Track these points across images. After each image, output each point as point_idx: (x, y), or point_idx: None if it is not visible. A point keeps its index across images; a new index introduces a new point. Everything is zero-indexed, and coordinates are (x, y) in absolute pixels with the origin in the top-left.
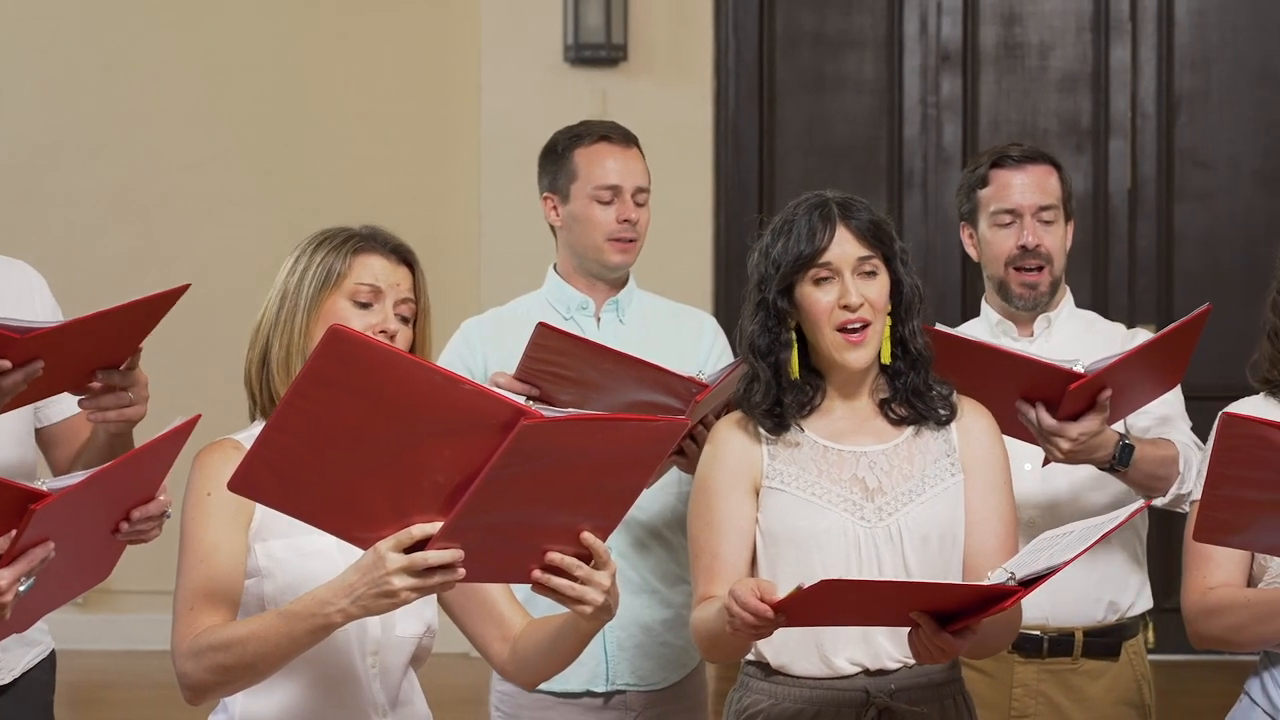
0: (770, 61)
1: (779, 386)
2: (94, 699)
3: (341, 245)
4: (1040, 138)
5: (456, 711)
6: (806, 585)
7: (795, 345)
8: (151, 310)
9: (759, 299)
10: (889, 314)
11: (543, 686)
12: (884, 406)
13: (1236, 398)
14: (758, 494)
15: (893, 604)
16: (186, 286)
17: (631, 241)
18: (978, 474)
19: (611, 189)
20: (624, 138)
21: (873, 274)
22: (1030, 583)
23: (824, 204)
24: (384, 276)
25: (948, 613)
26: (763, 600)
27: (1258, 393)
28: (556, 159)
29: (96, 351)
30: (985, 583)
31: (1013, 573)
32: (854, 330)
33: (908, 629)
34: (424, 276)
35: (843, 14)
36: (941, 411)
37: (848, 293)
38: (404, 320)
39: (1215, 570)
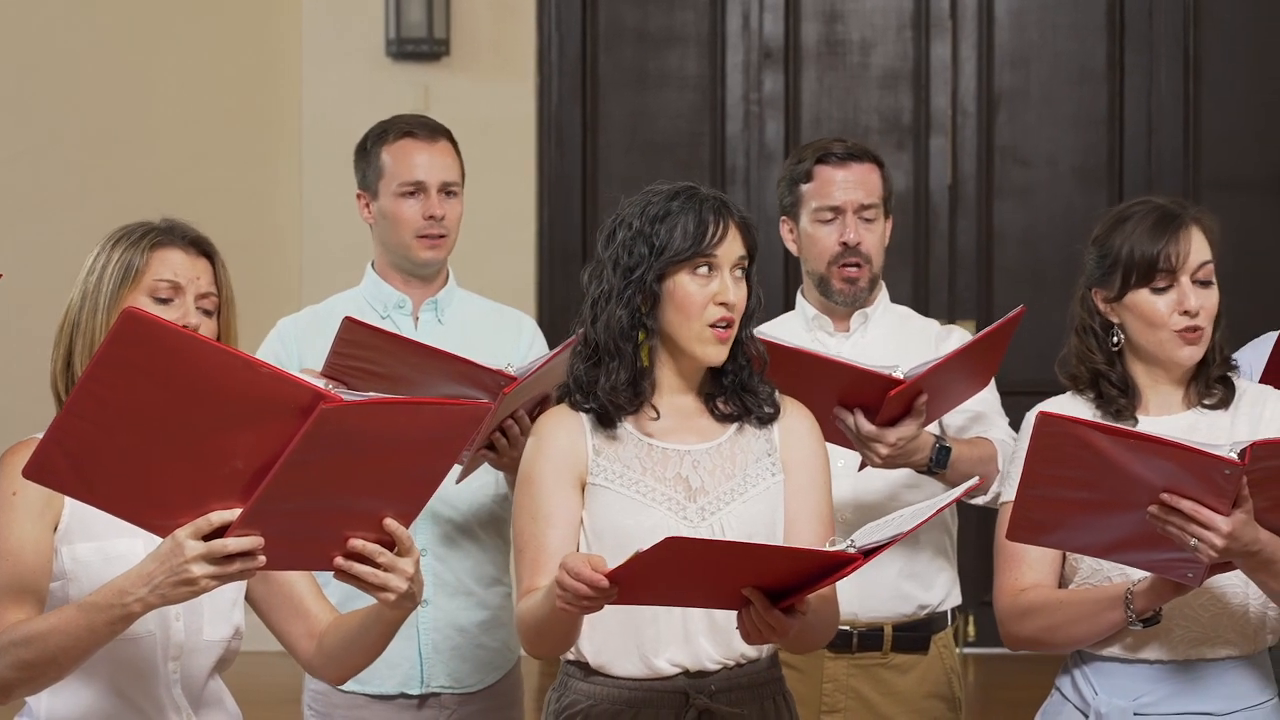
0: (593, 57)
1: (636, 369)
2: None
3: (139, 241)
4: (861, 135)
5: (272, 711)
6: (645, 549)
7: (657, 332)
8: None
9: (627, 281)
10: None
11: (356, 687)
12: (709, 402)
13: (1055, 394)
14: (583, 489)
15: (729, 576)
16: None
17: (441, 237)
18: (798, 474)
19: (417, 185)
20: (431, 131)
21: (742, 276)
22: (871, 552)
23: (710, 198)
24: (183, 271)
25: (779, 590)
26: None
27: (1067, 390)
28: (366, 156)
29: None
30: (826, 548)
31: (852, 540)
32: (724, 328)
33: (731, 631)
34: (225, 267)
35: (665, 10)
36: (767, 409)
37: (727, 290)
38: (206, 313)
39: (1028, 571)
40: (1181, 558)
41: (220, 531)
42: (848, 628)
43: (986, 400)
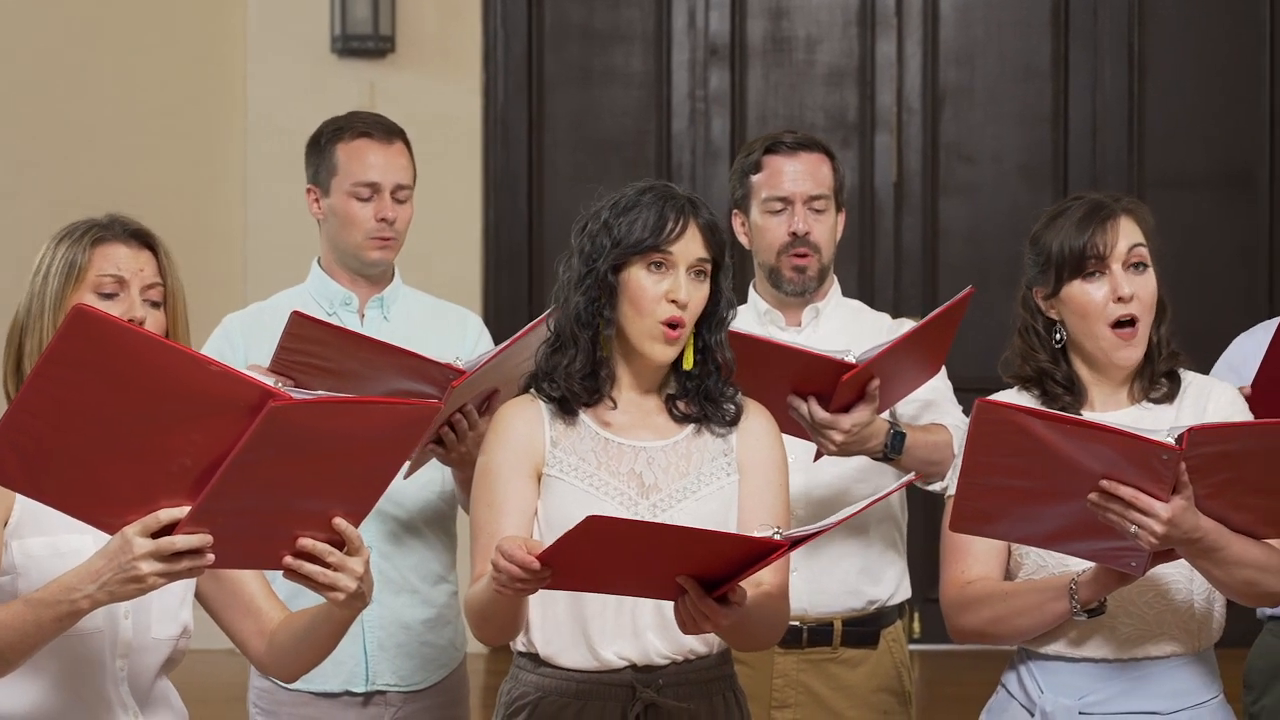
0: (539, 54)
1: (594, 359)
2: None
3: (80, 238)
4: (807, 132)
5: (218, 709)
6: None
7: (614, 323)
8: None
9: (587, 270)
10: (697, 321)
11: (301, 685)
12: (669, 403)
13: (997, 390)
14: (540, 479)
15: (660, 562)
16: None
17: (390, 239)
18: (754, 474)
19: (370, 186)
20: (387, 132)
21: (703, 278)
22: (798, 541)
23: (676, 196)
24: (126, 264)
25: (713, 579)
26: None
27: (1012, 387)
28: (319, 152)
29: None
30: (751, 534)
31: (778, 528)
32: (673, 326)
33: (675, 625)
34: (169, 258)
35: (611, 8)
36: (727, 419)
37: (679, 289)
38: (153, 305)
39: (973, 563)
40: (1124, 547)
41: (169, 529)
42: (798, 623)
43: (938, 388)
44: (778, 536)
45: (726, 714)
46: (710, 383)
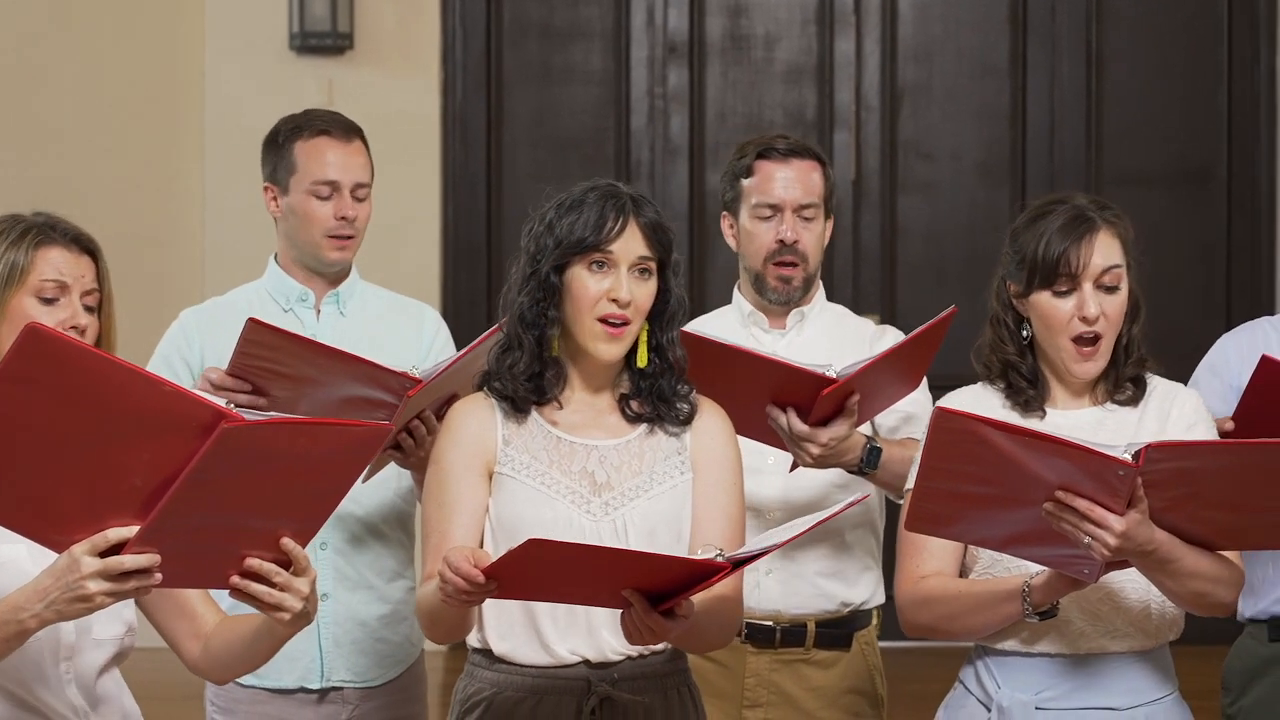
0: (498, 52)
1: (540, 359)
2: None
3: (20, 240)
4: (766, 129)
5: (175, 706)
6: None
7: (560, 323)
8: None
9: (532, 271)
10: (649, 319)
11: (257, 682)
12: (623, 402)
13: (955, 387)
14: (491, 478)
15: (604, 578)
16: None
17: (349, 238)
18: (707, 473)
19: (330, 185)
20: (346, 131)
21: (647, 276)
22: (740, 563)
23: (618, 195)
24: (68, 269)
25: (659, 593)
26: (475, 566)
27: (976, 381)
28: (277, 150)
29: None
30: (694, 557)
31: (720, 549)
32: (615, 325)
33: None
34: (105, 263)
35: (570, 6)
36: (681, 418)
37: (619, 287)
38: (89, 310)
39: (928, 559)
40: (1078, 554)
41: (117, 548)
42: (771, 623)
43: (918, 401)
44: (720, 558)
45: (681, 708)
46: (663, 382)
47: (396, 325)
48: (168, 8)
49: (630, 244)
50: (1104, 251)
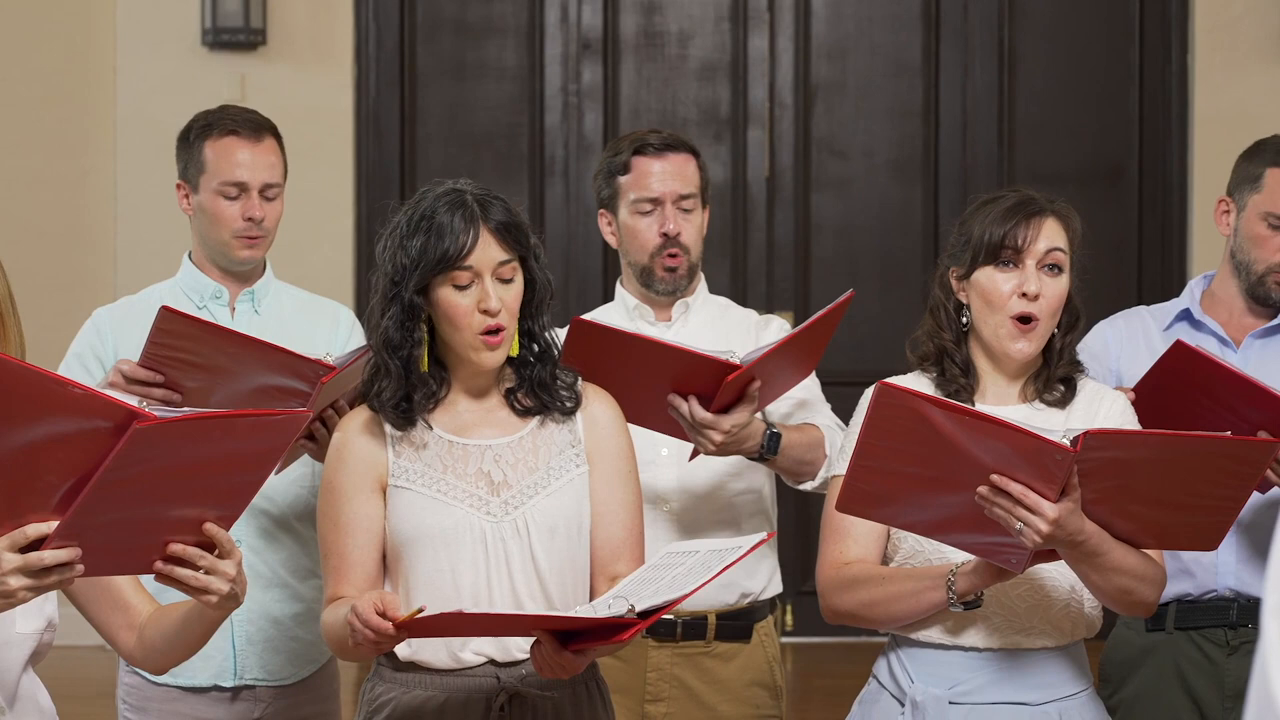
0: (411, 48)
1: (408, 382)
2: None
3: None
4: (680, 126)
5: (87, 704)
6: (428, 611)
7: (427, 341)
8: None
9: (394, 294)
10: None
11: (170, 680)
12: (509, 397)
13: (869, 384)
14: (385, 493)
15: (518, 627)
16: None
17: (258, 238)
18: (603, 464)
19: (238, 185)
20: (256, 129)
21: (510, 279)
22: (650, 614)
23: (465, 204)
24: None
25: (570, 632)
26: (386, 616)
27: (908, 373)
28: (188, 148)
29: None
30: (605, 615)
31: (633, 605)
32: (493, 334)
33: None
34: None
35: (484, 2)
36: (567, 403)
37: (488, 297)
38: None
39: (852, 545)
40: (1006, 543)
41: (38, 544)
42: (671, 616)
43: (809, 388)
44: (631, 615)
45: (590, 703)
46: (543, 370)
47: (311, 323)
48: (79, 3)
49: (487, 251)
50: (1050, 235)
